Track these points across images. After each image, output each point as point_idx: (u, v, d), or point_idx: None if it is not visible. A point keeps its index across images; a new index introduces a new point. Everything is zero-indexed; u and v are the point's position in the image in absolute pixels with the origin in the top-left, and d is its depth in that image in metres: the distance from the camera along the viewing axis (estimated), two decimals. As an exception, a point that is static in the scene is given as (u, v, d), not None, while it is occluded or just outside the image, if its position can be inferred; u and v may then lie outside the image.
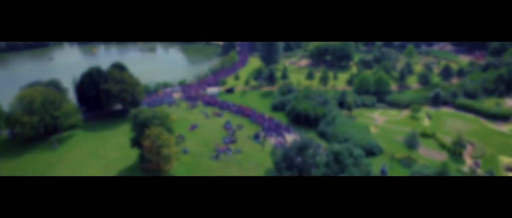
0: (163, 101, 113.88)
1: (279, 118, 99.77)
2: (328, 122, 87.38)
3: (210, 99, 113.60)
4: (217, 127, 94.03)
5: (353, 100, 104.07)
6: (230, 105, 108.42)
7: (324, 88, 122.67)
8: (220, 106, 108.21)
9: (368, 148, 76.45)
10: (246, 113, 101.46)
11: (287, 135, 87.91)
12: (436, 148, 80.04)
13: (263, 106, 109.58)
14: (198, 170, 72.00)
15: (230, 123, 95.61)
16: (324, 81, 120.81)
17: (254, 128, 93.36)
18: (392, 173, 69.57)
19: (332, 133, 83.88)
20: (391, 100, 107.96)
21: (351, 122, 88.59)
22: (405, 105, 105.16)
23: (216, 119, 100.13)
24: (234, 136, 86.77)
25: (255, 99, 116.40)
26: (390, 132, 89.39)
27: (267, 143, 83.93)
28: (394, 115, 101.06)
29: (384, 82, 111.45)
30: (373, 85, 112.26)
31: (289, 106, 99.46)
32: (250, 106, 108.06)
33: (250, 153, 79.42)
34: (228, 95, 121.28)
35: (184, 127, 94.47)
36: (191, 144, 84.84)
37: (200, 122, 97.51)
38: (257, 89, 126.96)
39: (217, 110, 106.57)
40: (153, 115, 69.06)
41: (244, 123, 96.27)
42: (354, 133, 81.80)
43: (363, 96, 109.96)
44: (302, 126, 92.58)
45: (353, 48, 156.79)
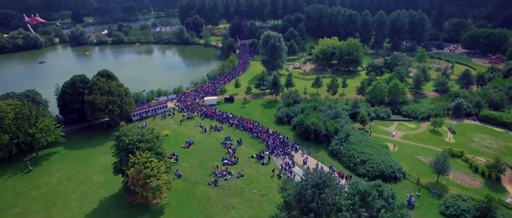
0: (156, 113, 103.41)
1: (285, 132, 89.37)
2: (341, 139, 76.98)
3: (208, 110, 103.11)
4: (215, 144, 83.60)
5: (366, 112, 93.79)
6: (229, 117, 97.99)
7: (332, 97, 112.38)
8: (219, 118, 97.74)
9: (390, 172, 66.18)
10: (248, 126, 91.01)
11: (295, 154, 77.52)
12: (467, 170, 69.64)
13: (266, 118, 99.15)
14: (193, 202, 61.49)
15: (230, 138, 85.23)
16: (333, 89, 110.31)
17: (257, 144, 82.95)
18: (421, 205, 59.24)
19: (346, 153, 73.49)
20: (407, 112, 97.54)
21: (366, 139, 78.19)
22: (423, 118, 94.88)
23: (214, 133, 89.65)
24: (235, 156, 76.32)
25: (258, 110, 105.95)
26: (410, 149, 79.01)
27: (272, 164, 73.54)
28: (412, 129, 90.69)
29: (399, 91, 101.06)
30: (387, 94, 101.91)
31: (296, 119, 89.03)
32: (252, 119, 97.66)
33: (253, 177, 68.96)
34: (228, 105, 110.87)
35: (179, 144, 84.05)
36: (186, 165, 74.37)
37: (196, 137, 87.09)
38: (260, 98, 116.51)
39: (215, 122, 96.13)
40: (140, 138, 58.54)
41: (245, 139, 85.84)
42: (372, 153, 71.40)
43: (377, 107, 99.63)
44: (312, 143, 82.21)
45: (361, 52, 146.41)
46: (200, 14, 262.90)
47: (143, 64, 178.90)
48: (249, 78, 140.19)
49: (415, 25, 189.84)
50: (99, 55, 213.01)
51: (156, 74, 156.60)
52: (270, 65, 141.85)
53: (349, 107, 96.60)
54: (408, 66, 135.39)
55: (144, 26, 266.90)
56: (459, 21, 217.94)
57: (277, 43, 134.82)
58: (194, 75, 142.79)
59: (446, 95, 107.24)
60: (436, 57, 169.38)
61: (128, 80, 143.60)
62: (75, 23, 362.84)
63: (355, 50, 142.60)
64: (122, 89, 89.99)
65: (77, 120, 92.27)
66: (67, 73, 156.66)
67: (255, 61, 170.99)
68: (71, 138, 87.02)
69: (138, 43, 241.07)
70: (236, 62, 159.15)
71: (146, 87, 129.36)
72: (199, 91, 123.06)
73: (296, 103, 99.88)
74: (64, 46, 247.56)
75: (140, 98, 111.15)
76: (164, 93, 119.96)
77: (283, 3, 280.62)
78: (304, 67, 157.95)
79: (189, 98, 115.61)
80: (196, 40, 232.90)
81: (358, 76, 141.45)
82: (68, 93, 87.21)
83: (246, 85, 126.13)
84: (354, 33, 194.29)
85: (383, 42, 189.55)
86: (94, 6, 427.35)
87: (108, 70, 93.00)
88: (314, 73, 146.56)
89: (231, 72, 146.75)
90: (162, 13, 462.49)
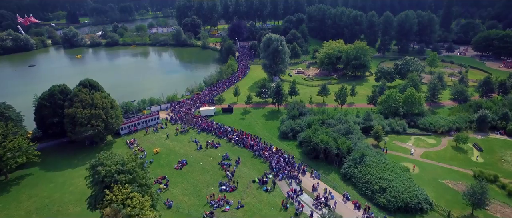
0: (147, 125, 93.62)
1: (290, 149, 79.62)
2: (355, 161, 67.24)
3: (204, 123, 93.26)
4: (211, 164, 73.80)
5: (380, 125, 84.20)
6: (228, 131, 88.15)
7: (341, 107, 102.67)
8: (216, 132, 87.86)
9: (415, 203, 56.46)
10: (249, 142, 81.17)
11: (303, 177, 67.77)
12: (506, 200, 59.81)
13: (269, 132, 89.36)
14: (184, 241, 51.82)
15: (228, 158, 75.46)
16: (341, 98, 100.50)
17: (258, 165, 73.16)
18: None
19: (362, 178, 63.74)
20: (425, 125, 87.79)
21: (384, 160, 68.43)
22: (444, 131, 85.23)
23: (211, 151, 79.84)
24: (234, 180, 66.54)
25: (259, 122, 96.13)
26: (433, 171, 69.34)
27: (277, 191, 63.81)
28: (432, 145, 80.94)
29: (416, 102, 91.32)
30: (402, 105, 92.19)
31: (302, 135, 79.24)
32: (253, 133, 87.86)
33: (256, 208, 59.20)
34: (226, 115, 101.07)
35: (170, 164, 74.27)
36: (178, 191, 64.57)
37: (191, 156, 77.30)
38: (261, 108, 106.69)
39: (212, 137, 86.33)
40: (119, 168, 48.61)
41: (246, 157, 76.10)
42: (392, 179, 61.66)
43: (391, 119, 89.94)
44: (321, 164, 72.44)
45: (370, 56, 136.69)
46: (198, 14, 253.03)
47: (137, 68, 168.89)
48: (249, 85, 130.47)
49: (423, 26, 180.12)
50: (92, 58, 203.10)
51: (150, 79, 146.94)
52: (271, 70, 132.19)
53: (361, 120, 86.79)
54: (421, 72, 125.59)
55: (139, 27, 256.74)
56: (469, 22, 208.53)
57: (279, 47, 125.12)
58: (190, 81, 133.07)
59: (466, 106, 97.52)
60: (447, 61, 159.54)
61: (119, 86, 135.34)
62: (70, 24, 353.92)
63: (363, 54, 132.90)
64: (108, 101, 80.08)
65: (58, 134, 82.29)
66: (55, 79, 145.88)
67: (255, 65, 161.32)
68: (48, 156, 77.28)
69: (134, 45, 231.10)
70: (235, 67, 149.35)
71: (138, 94, 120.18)
72: (195, 99, 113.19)
73: (301, 116, 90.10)
74: (57, 48, 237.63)
75: (130, 108, 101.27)
76: (157, 102, 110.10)
77: (284, 3, 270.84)
78: (307, 72, 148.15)
79: (184, 108, 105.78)
80: (193, 42, 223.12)
81: (366, 83, 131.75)
82: (46, 106, 77.35)
83: (246, 92, 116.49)
84: (359, 35, 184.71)
85: (390, 45, 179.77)
86: (91, 6, 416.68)
87: (92, 80, 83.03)
88: (319, 78, 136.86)
89: (230, 78, 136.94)
90: (160, 14, 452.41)
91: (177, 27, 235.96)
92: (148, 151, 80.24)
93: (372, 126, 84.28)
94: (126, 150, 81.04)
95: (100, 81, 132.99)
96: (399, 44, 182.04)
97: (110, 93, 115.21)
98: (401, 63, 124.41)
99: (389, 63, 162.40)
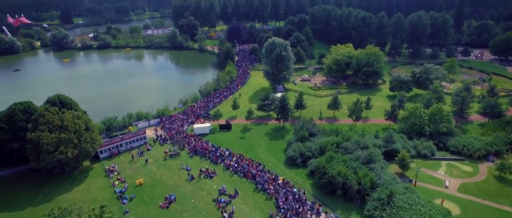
0: (131, 146, 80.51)
1: (300, 179, 66.56)
2: (382, 201, 54.14)
3: (198, 145, 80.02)
4: (205, 201, 60.69)
5: (404, 148, 71.37)
6: (225, 155, 74.99)
7: (355, 124, 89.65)
8: (212, 156, 74.66)
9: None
10: (250, 171, 67.99)
11: (317, 220, 54.82)
12: None
13: (273, 156, 76.26)
14: None
15: (225, 192, 62.35)
16: (356, 114, 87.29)
17: (262, 202, 60.06)
18: None
19: (392, 225, 50.74)
20: (457, 147, 74.69)
21: (417, 199, 55.29)
22: (480, 156, 72.25)
23: (204, 181, 66.73)
24: (232, 226, 53.53)
25: (262, 142, 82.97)
26: (478, 212, 56.29)
27: (286, 241, 50.79)
28: (469, 174, 67.88)
29: (444, 119, 78.24)
30: (427, 123, 79.13)
31: (314, 162, 66.26)
32: (254, 158, 74.73)
33: (259, 269, 46.13)
34: (224, 133, 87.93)
35: (155, 200, 61.15)
36: (161, 242, 51.51)
37: (180, 189, 64.19)
38: (264, 123, 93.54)
39: (207, 163, 73.20)
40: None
41: (247, 191, 63.05)
42: (433, 228, 48.66)
43: (416, 140, 76.89)
44: (338, 201, 59.39)
45: (383, 63, 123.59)
46: (195, 15, 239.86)
47: (128, 74, 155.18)
48: (249, 94, 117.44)
49: (437, 28, 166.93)
50: (81, 62, 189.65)
51: (141, 87, 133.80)
52: (274, 78, 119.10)
53: (382, 142, 73.61)
54: (442, 80, 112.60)
55: (133, 29, 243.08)
56: (483, 24, 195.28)
57: (283, 53, 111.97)
58: (184, 89, 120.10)
59: (502, 122, 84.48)
60: (465, 66, 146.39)
61: (106, 96, 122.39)
62: (63, 25, 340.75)
63: (375, 61, 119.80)
64: (82, 122, 66.86)
65: (19, 160, 68.82)
66: (37, 87, 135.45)
67: (256, 71, 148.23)
68: (6, 189, 64.27)
69: (129, 48, 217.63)
70: (234, 74, 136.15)
71: (126, 105, 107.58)
72: (188, 113, 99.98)
73: (312, 137, 76.86)
74: (46, 51, 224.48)
75: (113, 125, 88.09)
76: (146, 116, 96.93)
77: (286, 4, 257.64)
78: (314, 79, 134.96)
79: (175, 124, 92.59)
80: (190, 45, 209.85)
81: (379, 92, 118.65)
82: (3, 129, 64.03)
83: (246, 104, 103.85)
84: (368, 38, 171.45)
85: (401, 48, 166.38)
86: (86, 6, 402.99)
87: (63, 96, 69.92)
88: (326, 87, 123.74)
89: (228, 86, 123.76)
90: (157, 14, 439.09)
91: (173, 28, 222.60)
92: (129, 181, 67.14)
93: (395, 150, 71.35)
94: (104, 180, 67.94)
95: (85, 90, 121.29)
96: (410, 47, 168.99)
97: (95, 104, 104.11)
98: (420, 71, 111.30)
99: (400, 69, 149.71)
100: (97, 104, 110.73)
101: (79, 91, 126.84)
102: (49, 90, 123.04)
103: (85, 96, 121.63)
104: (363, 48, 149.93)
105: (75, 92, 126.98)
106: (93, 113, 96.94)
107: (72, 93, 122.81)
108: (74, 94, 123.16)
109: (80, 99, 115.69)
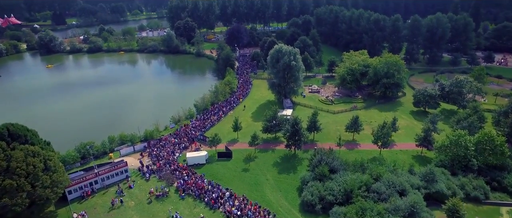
0: (110, 182, 65.38)
1: (321, 235, 51.55)
2: None
3: (192, 182, 64.74)
4: None
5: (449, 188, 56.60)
6: (226, 197, 59.83)
7: (381, 150, 74.64)
8: (208, 199, 59.46)
9: None
10: (257, 222, 52.97)
11: None
12: None
13: (285, 197, 61.18)
14: None
15: (225, 258, 47.30)
16: (383, 139, 72.00)
17: None
18: None
19: None
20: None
21: None
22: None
23: (198, 238, 51.68)
24: None
25: (270, 177, 67.78)
26: None
27: None
28: (537, 226, 53.00)
29: (497, 149, 63.13)
30: (474, 154, 64.11)
31: (338, 211, 51.21)
32: (261, 201, 59.59)
33: None
34: (223, 163, 72.78)
35: None
36: None
37: (165, 251, 49.14)
38: (270, 149, 78.40)
39: (201, 208, 58.08)
40: None
41: (253, 255, 47.96)
42: None
43: (462, 177, 61.93)
44: None
45: (405, 73, 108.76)
46: (192, 16, 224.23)
47: (116, 82, 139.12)
48: (252, 109, 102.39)
49: (458, 32, 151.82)
50: (66, 69, 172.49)
51: (128, 100, 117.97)
52: (281, 91, 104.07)
53: (421, 182, 58.59)
54: (475, 95, 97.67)
55: (126, 31, 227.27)
56: (504, 26, 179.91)
57: (292, 62, 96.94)
58: (178, 101, 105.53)
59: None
60: (493, 75, 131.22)
61: (86, 111, 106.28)
62: (55, 25, 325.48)
63: (396, 71, 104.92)
64: (39, 160, 51.62)
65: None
66: (7, 101, 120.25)
67: (259, 79, 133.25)
68: None
69: (123, 51, 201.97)
70: (234, 84, 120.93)
71: (108, 125, 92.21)
72: (181, 135, 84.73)
73: (333, 174, 61.68)
74: (33, 54, 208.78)
75: (89, 153, 72.89)
76: (130, 139, 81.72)
77: (288, 4, 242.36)
78: (324, 90, 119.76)
79: (165, 150, 77.40)
80: (186, 48, 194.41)
81: (401, 107, 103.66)
82: None
83: (249, 122, 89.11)
84: (381, 43, 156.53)
85: (417, 54, 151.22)
86: (80, 6, 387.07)
87: (16, 125, 54.37)
88: (340, 100, 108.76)
89: (228, 100, 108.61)
90: (154, 14, 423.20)
91: (169, 31, 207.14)
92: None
93: (439, 192, 56.45)
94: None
95: (63, 104, 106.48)
96: (427, 53, 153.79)
97: (72, 123, 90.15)
98: (450, 84, 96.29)
99: (418, 77, 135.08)
100: (74, 123, 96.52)
101: (56, 105, 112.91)
102: (16, 107, 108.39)
103: (62, 111, 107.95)
104: (376, 54, 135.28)
105: (50, 107, 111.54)
106: (67, 136, 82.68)
107: (45, 110, 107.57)
108: (49, 110, 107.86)
109: (54, 116, 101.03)
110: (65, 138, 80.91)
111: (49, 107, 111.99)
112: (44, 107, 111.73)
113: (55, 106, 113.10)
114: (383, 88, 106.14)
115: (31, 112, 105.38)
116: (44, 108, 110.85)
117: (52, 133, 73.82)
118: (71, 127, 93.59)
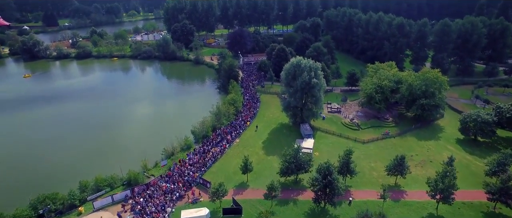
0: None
1: None
2: None
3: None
4: None
5: None
6: None
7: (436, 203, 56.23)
8: None
9: None
10: None
11: None
12: None
13: None
14: None
15: None
16: (444, 194, 53.53)
17: None
18: None
19: None
20: None
21: None
22: None
23: None
24: None
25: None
26: None
27: None
28: None
29: None
30: None
31: None
32: None
33: None
34: (230, 224, 54.28)
35: None
36: None
37: None
38: (291, 200, 59.83)
39: None
40: None
41: None
42: None
43: None
44: None
45: (446, 92, 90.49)
46: (191, 18, 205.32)
47: (99, 99, 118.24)
48: (263, 137, 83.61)
49: (494, 39, 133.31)
50: (47, 79, 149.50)
51: (110, 126, 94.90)
52: (298, 113, 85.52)
53: None
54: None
55: (118, 35, 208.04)
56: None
57: (314, 80, 78.35)
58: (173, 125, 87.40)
59: None
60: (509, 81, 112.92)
61: (54, 142, 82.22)
62: (46, 27, 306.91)
63: (436, 89, 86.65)
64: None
65: None
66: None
67: (267, 94, 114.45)
68: None
69: (116, 58, 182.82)
70: (239, 102, 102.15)
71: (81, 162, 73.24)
72: (175, 178, 66.00)
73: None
74: (16, 60, 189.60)
75: (51, 209, 54.22)
76: (109, 184, 63.09)
77: (294, 5, 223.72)
78: (345, 109, 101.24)
79: (153, 202, 58.74)
80: (184, 55, 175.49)
81: (442, 134, 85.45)
82: None
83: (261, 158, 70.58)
84: (404, 51, 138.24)
85: (447, 64, 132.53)
86: (74, 6, 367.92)
87: None
88: (367, 124, 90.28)
89: (232, 123, 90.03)
90: (151, 15, 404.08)
91: (165, 35, 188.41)
92: None
93: None
94: None
95: (25, 132, 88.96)
96: (458, 63, 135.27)
97: (32, 161, 73.46)
98: (509, 108, 77.87)
99: (452, 92, 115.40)
100: (31, 163, 74.01)
101: (14, 137, 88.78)
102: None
103: (22, 144, 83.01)
104: (399, 63, 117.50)
105: (5, 139, 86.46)
106: (19, 185, 63.70)
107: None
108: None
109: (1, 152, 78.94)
110: (16, 187, 61.96)
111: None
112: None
113: (6, 136, 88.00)
114: (420, 111, 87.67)
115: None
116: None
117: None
118: (25, 170, 71.18)
